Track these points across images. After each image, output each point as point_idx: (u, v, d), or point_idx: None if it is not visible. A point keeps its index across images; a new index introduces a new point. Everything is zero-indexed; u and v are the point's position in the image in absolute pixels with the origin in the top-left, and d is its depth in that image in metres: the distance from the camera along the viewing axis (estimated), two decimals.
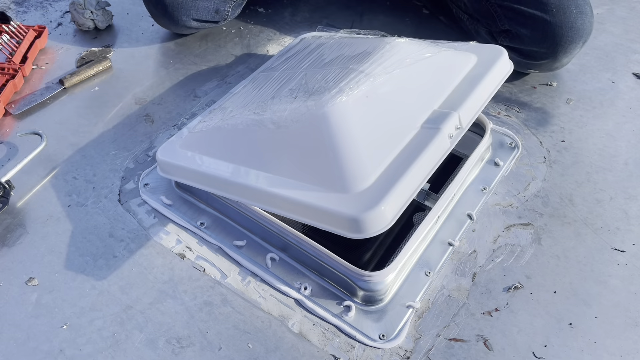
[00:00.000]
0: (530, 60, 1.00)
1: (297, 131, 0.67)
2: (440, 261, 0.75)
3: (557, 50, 0.96)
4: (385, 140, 0.66)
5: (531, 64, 1.01)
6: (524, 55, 1.00)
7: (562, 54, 0.96)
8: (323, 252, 0.70)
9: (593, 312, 0.71)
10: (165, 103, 0.99)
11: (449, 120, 0.68)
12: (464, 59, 0.78)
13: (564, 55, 0.97)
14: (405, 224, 0.91)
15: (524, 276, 0.75)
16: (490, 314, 0.71)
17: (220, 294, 0.72)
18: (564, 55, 0.97)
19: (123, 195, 0.83)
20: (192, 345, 0.67)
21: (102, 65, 1.04)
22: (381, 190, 0.61)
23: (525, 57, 1.00)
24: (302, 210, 0.63)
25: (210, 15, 1.07)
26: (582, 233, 0.80)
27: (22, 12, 1.18)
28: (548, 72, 1.05)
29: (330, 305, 0.71)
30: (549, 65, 1.00)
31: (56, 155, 0.89)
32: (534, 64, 1.01)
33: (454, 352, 0.67)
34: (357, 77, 0.70)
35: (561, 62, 0.99)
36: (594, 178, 0.88)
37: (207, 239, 0.77)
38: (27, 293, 0.71)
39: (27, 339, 0.67)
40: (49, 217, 0.80)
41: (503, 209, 0.83)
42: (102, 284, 0.72)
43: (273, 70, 0.84)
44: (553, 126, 0.96)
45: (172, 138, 0.79)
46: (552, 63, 0.99)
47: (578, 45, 0.96)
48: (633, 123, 0.97)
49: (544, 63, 0.99)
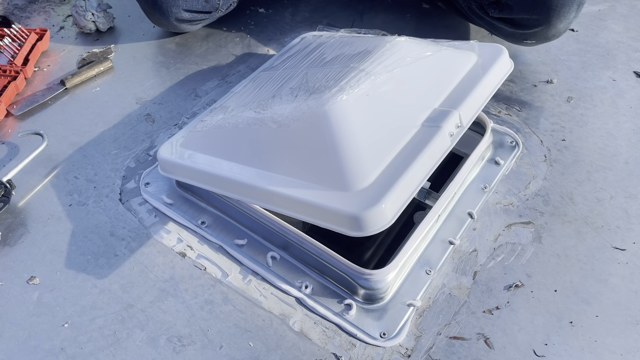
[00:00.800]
0: (524, 30, 0.96)
1: (298, 130, 0.67)
2: (441, 260, 0.76)
3: (550, 15, 0.92)
4: (385, 139, 0.67)
5: (525, 34, 0.97)
6: (517, 25, 0.96)
7: (555, 18, 0.92)
8: (324, 250, 0.70)
9: (594, 310, 0.71)
10: (166, 102, 0.99)
11: (449, 118, 0.68)
12: (465, 57, 0.78)
13: (557, 20, 0.93)
14: (405, 223, 0.91)
15: (524, 275, 0.75)
16: (491, 313, 0.71)
17: (221, 293, 0.72)
18: (558, 20, 0.93)
19: (124, 195, 0.83)
20: (193, 344, 0.67)
21: (103, 66, 1.04)
22: (382, 189, 0.61)
23: (517, 26, 0.97)
24: (303, 209, 0.64)
25: (201, 4, 1.05)
26: (582, 232, 0.80)
27: (25, 17, 1.18)
28: (548, 66, 1.04)
29: (331, 303, 0.71)
30: (544, 33, 0.96)
31: (57, 154, 0.89)
32: (528, 34, 0.97)
33: (454, 350, 0.67)
34: (358, 76, 0.70)
35: (557, 28, 0.94)
36: (594, 177, 0.88)
37: (208, 237, 0.78)
38: (29, 292, 0.72)
39: (29, 338, 0.67)
40: (50, 217, 0.80)
41: (504, 208, 0.83)
42: (103, 282, 0.73)
43: (274, 70, 0.84)
44: (553, 125, 0.96)
45: (173, 137, 0.79)
46: (547, 30, 0.95)
47: (572, 9, 0.92)
48: (634, 122, 0.97)
49: (538, 31, 0.96)
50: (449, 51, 0.78)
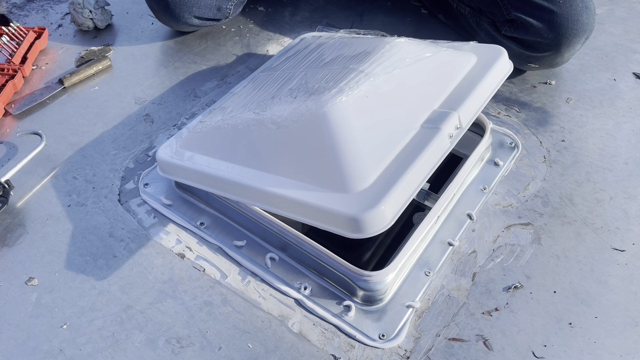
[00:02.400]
0: (533, 53, 0.99)
1: (297, 131, 0.67)
2: (440, 261, 0.75)
3: (561, 43, 0.95)
4: (385, 140, 0.66)
5: (533, 56, 1.00)
6: (527, 47, 0.99)
7: (565, 47, 0.96)
8: (323, 251, 0.70)
9: (593, 311, 0.71)
10: (165, 103, 0.99)
11: (448, 120, 0.68)
12: (464, 58, 0.78)
13: (566, 48, 0.96)
14: (405, 224, 0.91)
15: (523, 276, 0.75)
16: (490, 314, 0.71)
17: (220, 294, 0.72)
18: (567, 49, 0.97)
19: (123, 195, 0.83)
20: (192, 345, 0.67)
21: (101, 65, 1.04)
22: (381, 190, 0.61)
23: (527, 48, 0.99)
24: (302, 210, 0.63)
25: (213, 12, 1.07)
26: (582, 233, 0.80)
27: (24, 15, 1.18)
28: (547, 70, 1.05)
29: (330, 305, 0.71)
30: (550, 59, 0.99)
31: (56, 155, 0.89)
32: (535, 57, 1.00)
33: (453, 351, 0.67)
34: (357, 77, 0.70)
35: (563, 56, 0.98)
36: (593, 178, 0.88)
37: (207, 238, 0.77)
38: (27, 293, 0.72)
39: (27, 339, 0.67)
40: (49, 217, 0.80)
41: (503, 209, 0.83)
42: (102, 283, 0.72)
43: (273, 70, 0.84)
44: (553, 126, 0.96)
45: (172, 138, 0.79)
46: (554, 57, 0.98)
47: (581, 40, 0.96)
48: (633, 123, 0.97)
49: (545, 56, 0.99)
50: (448, 52, 0.78)
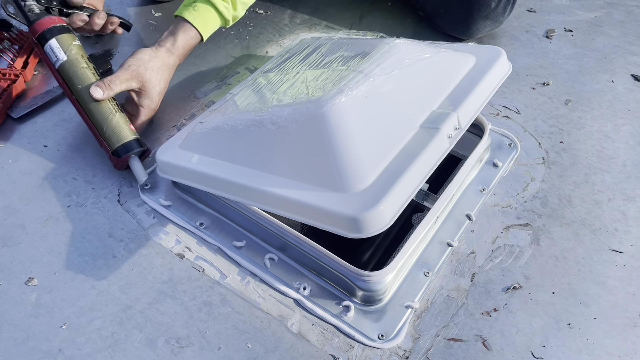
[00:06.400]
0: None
1: (296, 131, 0.67)
2: (439, 261, 0.76)
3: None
4: (384, 141, 0.67)
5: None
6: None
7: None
8: (322, 252, 0.70)
9: (591, 312, 0.71)
10: (164, 104, 0.99)
11: (447, 120, 0.68)
12: (463, 59, 0.79)
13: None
14: (404, 225, 0.91)
15: (522, 277, 0.75)
16: (489, 314, 0.71)
17: (219, 294, 0.72)
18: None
19: (122, 196, 0.83)
20: (192, 345, 0.67)
21: (102, 69, 1.04)
22: (380, 190, 0.61)
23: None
24: (302, 210, 0.64)
25: None
26: (580, 234, 0.80)
27: None
28: (547, 71, 1.05)
29: (329, 305, 0.71)
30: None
31: (56, 156, 0.89)
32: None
33: (452, 352, 0.67)
34: (357, 78, 0.70)
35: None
36: (592, 179, 0.88)
37: (206, 239, 0.78)
38: (27, 293, 0.72)
39: (27, 339, 0.67)
40: (49, 217, 0.80)
41: (502, 210, 0.83)
42: (102, 284, 0.73)
43: (272, 71, 0.84)
44: (552, 127, 0.97)
45: (172, 139, 0.80)
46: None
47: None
48: (631, 125, 0.98)
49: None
50: (447, 53, 0.78)
